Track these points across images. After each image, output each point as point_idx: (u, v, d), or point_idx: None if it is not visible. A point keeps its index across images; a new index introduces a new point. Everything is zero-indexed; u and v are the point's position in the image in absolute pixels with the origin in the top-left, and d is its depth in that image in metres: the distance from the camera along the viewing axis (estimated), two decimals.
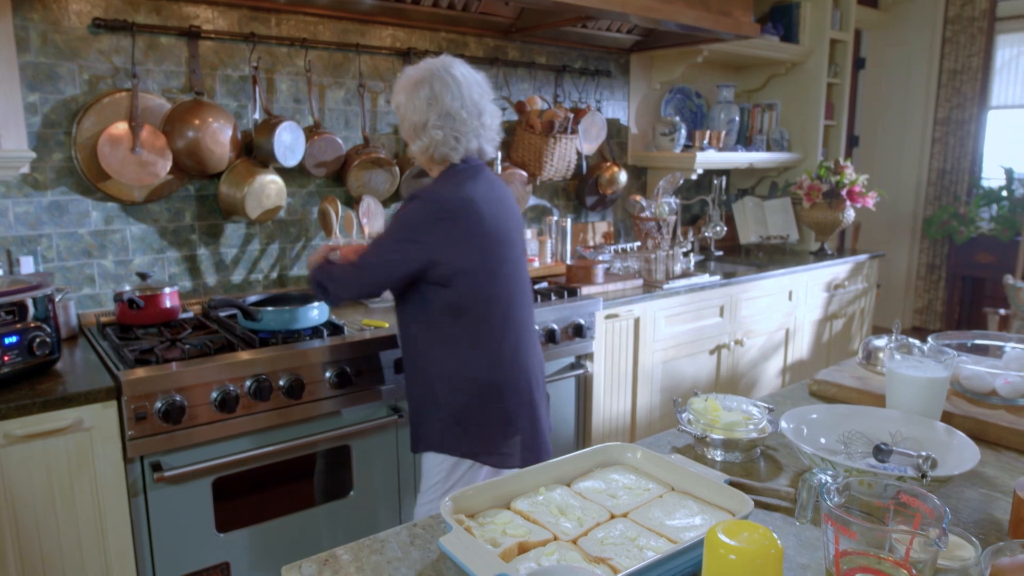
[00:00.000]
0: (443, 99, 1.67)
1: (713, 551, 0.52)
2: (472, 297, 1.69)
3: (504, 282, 1.74)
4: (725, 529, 0.52)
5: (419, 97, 1.69)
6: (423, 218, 1.65)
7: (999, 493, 1.04)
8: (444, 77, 1.69)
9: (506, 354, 1.75)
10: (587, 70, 3.30)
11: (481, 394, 1.72)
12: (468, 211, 1.66)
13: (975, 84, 5.09)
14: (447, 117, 1.68)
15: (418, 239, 1.63)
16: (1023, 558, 0.72)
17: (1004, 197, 4.86)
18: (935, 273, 5.45)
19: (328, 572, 0.82)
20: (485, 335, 1.72)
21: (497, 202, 1.75)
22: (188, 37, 2.25)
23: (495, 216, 1.71)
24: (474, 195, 1.69)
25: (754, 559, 0.50)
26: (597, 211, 3.52)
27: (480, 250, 1.68)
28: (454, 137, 1.70)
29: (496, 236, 1.71)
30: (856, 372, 1.52)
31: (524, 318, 1.81)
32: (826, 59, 3.83)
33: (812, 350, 3.71)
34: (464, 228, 1.65)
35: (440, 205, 1.64)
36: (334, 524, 2.08)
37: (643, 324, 2.82)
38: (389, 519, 2.18)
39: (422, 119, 1.70)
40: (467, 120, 1.69)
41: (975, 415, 1.25)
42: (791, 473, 1.11)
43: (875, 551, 0.77)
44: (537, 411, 1.82)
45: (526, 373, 1.79)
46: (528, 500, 0.93)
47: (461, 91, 1.69)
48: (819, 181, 3.69)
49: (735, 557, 0.50)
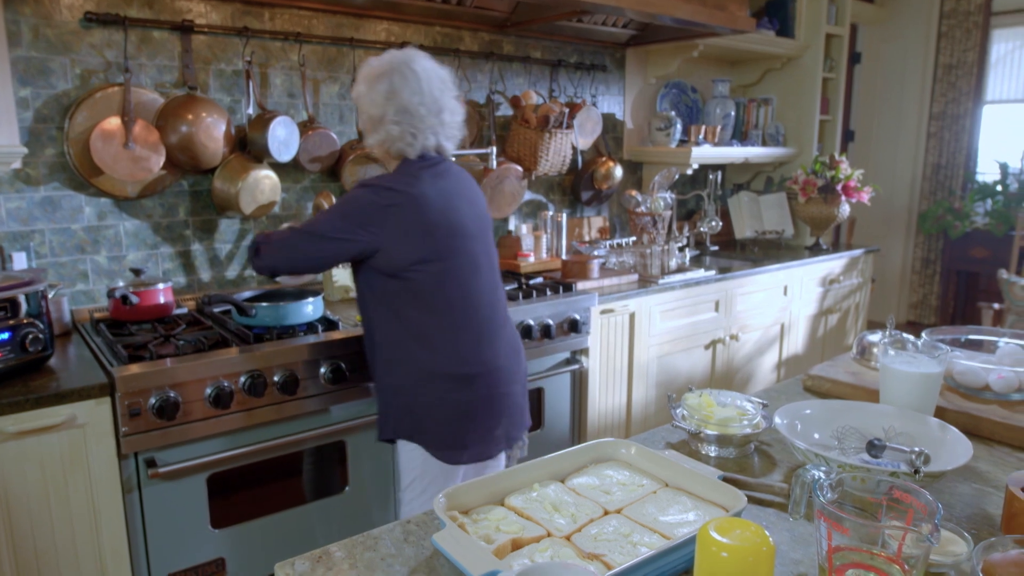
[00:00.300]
0: (402, 94, 1.65)
1: (705, 548, 0.52)
2: (422, 290, 1.66)
3: (458, 275, 1.70)
4: (717, 527, 0.52)
5: (378, 90, 1.66)
6: (371, 205, 1.63)
7: (992, 488, 1.04)
8: (404, 71, 1.66)
9: (462, 348, 1.70)
10: (582, 65, 3.29)
11: (434, 387, 1.68)
12: (416, 203, 1.63)
13: (970, 79, 5.10)
14: (404, 112, 1.65)
15: (365, 224, 1.61)
16: (1014, 554, 0.72)
17: (999, 192, 4.87)
18: (930, 268, 5.47)
19: (321, 569, 0.81)
20: (437, 328, 1.68)
21: (455, 196, 1.71)
22: (181, 31, 2.24)
23: (449, 209, 1.68)
24: (425, 188, 1.66)
25: (746, 556, 0.50)
26: (592, 206, 3.52)
27: (428, 242, 1.64)
28: (411, 133, 1.67)
29: (448, 229, 1.67)
30: (850, 367, 1.52)
31: (486, 312, 1.75)
32: (822, 54, 3.83)
33: (807, 345, 3.72)
34: (411, 219, 1.62)
35: (389, 194, 1.62)
36: (329, 520, 2.08)
37: (638, 319, 2.82)
38: (384, 515, 2.18)
39: (379, 113, 1.67)
40: (425, 117, 1.67)
41: (968, 410, 1.25)
42: (785, 468, 1.11)
43: (868, 547, 0.77)
44: (498, 405, 1.76)
45: (486, 367, 1.73)
46: (522, 496, 0.93)
47: (421, 86, 1.66)
48: (814, 176, 3.69)
49: (727, 555, 0.50)
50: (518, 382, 1.84)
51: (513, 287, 2.57)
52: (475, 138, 2.97)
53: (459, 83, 2.89)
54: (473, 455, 1.74)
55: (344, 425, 2.02)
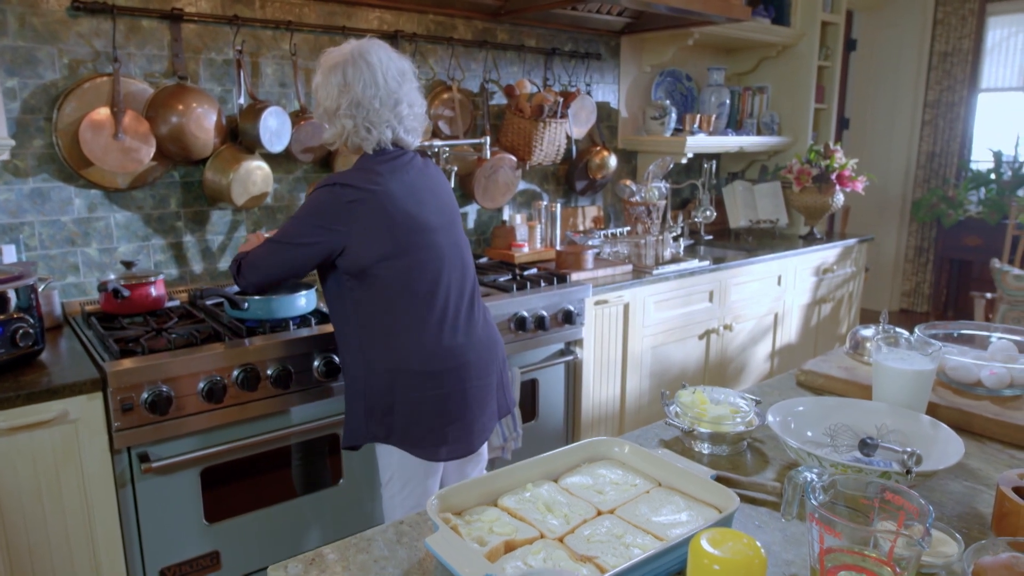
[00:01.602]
0: (355, 87, 1.60)
1: (698, 561, 0.52)
2: (388, 287, 1.64)
3: (424, 270, 1.67)
4: (710, 539, 0.52)
5: (332, 82, 1.63)
6: (332, 204, 1.60)
7: (983, 486, 1.05)
8: (359, 63, 1.61)
9: (439, 342, 1.68)
10: (577, 53, 3.27)
11: (404, 386, 1.66)
12: (377, 199, 1.60)
13: (966, 66, 5.09)
14: (358, 106, 1.61)
15: (328, 225, 1.59)
16: (1005, 557, 0.72)
17: (992, 180, 4.88)
18: (923, 256, 5.49)
19: (315, 571, 0.81)
20: (404, 327, 1.66)
21: (418, 189, 1.68)
22: (170, 20, 2.21)
23: (411, 203, 1.65)
24: (386, 183, 1.62)
25: (738, 570, 0.50)
26: (587, 196, 3.51)
27: (392, 238, 1.61)
28: (365, 127, 1.63)
29: (411, 224, 1.64)
30: (843, 362, 1.52)
31: (454, 306, 1.72)
32: (817, 42, 3.81)
33: (800, 335, 3.73)
34: (373, 215, 1.60)
35: (348, 191, 1.59)
36: (323, 513, 2.08)
37: (632, 310, 2.82)
38: (377, 508, 2.19)
39: (333, 105, 1.63)
40: (379, 110, 1.62)
41: (960, 406, 1.26)
42: (778, 466, 1.11)
43: (859, 548, 0.78)
44: (471, 400, 1.73)
45: (465, 360, 1.71)
46: (515, 497, 0.93)
47: (376, 78, 1.61)
48: (809, 165, 3.68)
49: (719, 567, 0.51)
50: (493, 374, 1.80)
51: (507, 278, 2.56)
52: (469, 127, 2.95)
53: (452, 71, 2.88)
54: (453, 451, 1.72)
55: (338, 418, 2.02)
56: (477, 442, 1.75)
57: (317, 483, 2.06)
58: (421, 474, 1.72)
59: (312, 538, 2.08)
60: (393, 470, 1.71)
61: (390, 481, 1.73)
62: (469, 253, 1.81)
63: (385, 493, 1.76)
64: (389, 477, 1.73)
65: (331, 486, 2.09)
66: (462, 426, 1.70)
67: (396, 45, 2.68)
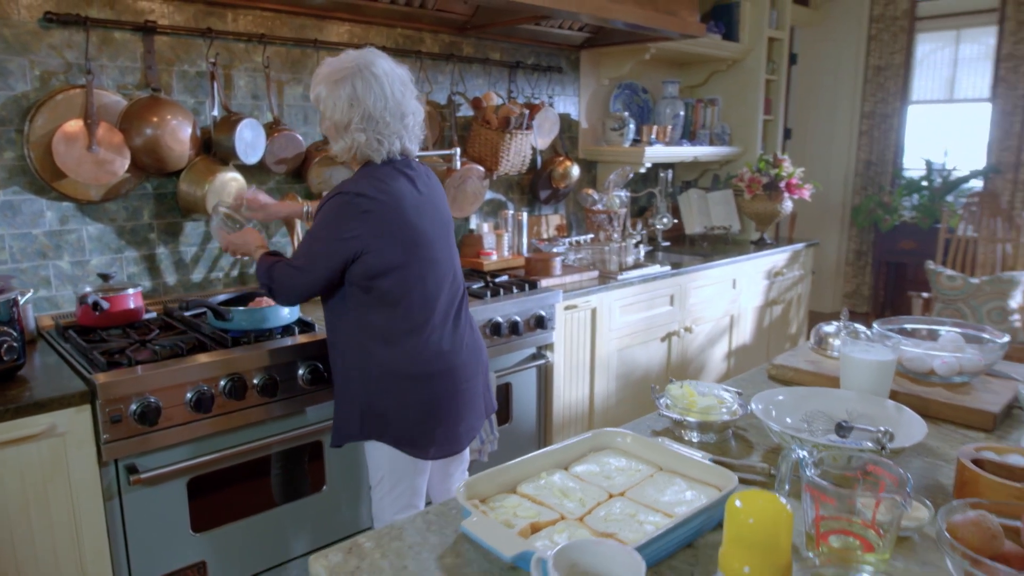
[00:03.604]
0: (366, 100, 1.63)
1: (734, 517, 0.60)
2: (391, 292, 1.69)
3: (422, 279, 1.72)
4: (742, 498, 0.60)
5: (340, 95, 1.64)
6: (346, 214, 1.64)
7: (942, 461, 1.17)
8: (367, 76, 1.64)
9: (432, 346, 1.74)
10: (539, 66, 3.37)
11: (398, 387, 1.72)
12: (390, 206, 1.65)
13: (898, 80, 5.40)
14: (370, 119, 1.64)
15: (343, 236, 1.63)
16: (972, 515, 0.83)
17: (924, 187, 5.19)
18: (862, 259, 5.78)
19: (354, 559, 0.87)
20: (403, 330, 1.71)
21: (421, 200, 1.74)
22: (143, 32, 2.21)
23: (416, 214, 1.70)
24: (398, 191, 1.68)
25: (770, 522, 0.59)
26: (550, 204, 3.61)
27: (401, 245, 1.67)
28: (376, 139, 1.67)
29: (415, 234, 1.70)
30: (809, 357, 1.64)
31: (444, 313, 1.78)
32: (764, 56, 4.01)
33: (754, 335, 3.90)
34: (385, 224, 1.64)
35: (363, 201, 1.63)
36: (307, 520, 2.10)
37: (599, 314, 2.92)
38: (359, 514, 2.22)
39: (344, 119, 1.66)
40: (390, 122, 1.67)
41: (917, 393, 1.39)
42: (762, 450, 1.21)
43: (847, 515, 0.87)
44: (459, 402, 1.79)
45: (455, 363, 1.77)
46: (532, 484, 1.00)
47: (384, 91, 1.65)
48: (759, 174, 3.87)
49: (753, 520, 0.59)
50: (479, 376, 1.88)
51: (480, 285, 2.63)
52: (437, 139, 3.01)
53: (421, 84, 2.94)
54: (440, 451, 1.78)
55: (322, 425, 2.05)
56: (464, 442, 1.81)
57: (301, 490, 2.08)
58: (411, 473, 1.77)
59: (297, 545, 2.10)
60: (384, 471, 1.76)
61: (381, 481, 1.77)
62: (459, 262, 1.87)
63: (375, 494, 1.81)
64: (380, 478, 1.77)
65: (314, 493, 2.12)
66: (451, 427, 1.76)
67: None
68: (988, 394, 1.39)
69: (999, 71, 4.89)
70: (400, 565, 0.86)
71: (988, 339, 1.49)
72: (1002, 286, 3.83)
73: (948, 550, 0.80)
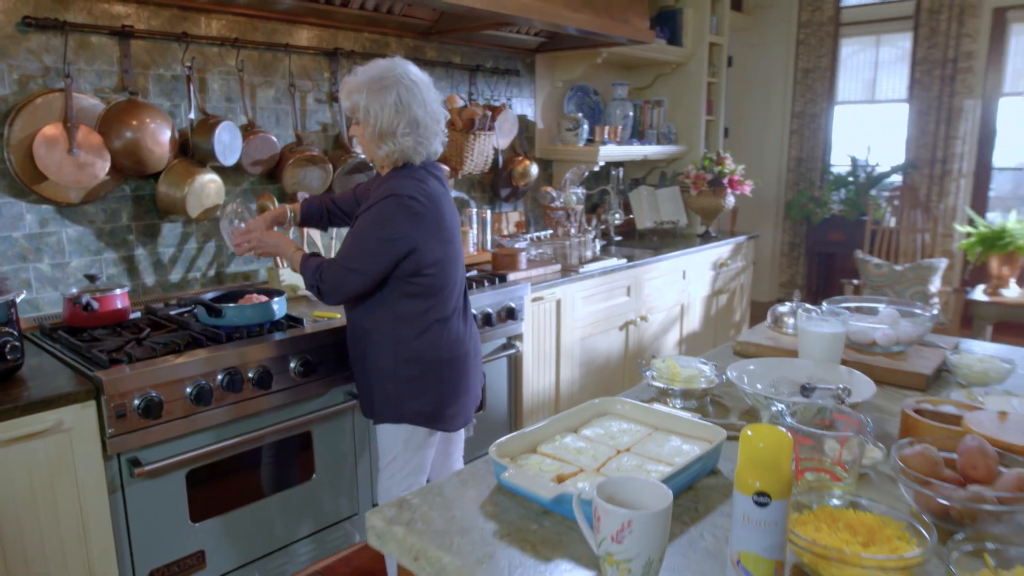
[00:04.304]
0: (411, 107, 1.75)
1: (747, 443, 0.75)
2: (432, 283, 1.84)
3: (454, 269, 1.91)
4: (752, 429, 0.76)
5: (386, 103, 1.73)
6: (398, 215, 1.75)
7: (887, 415, 1.37)
8: (407, 83, 1.75)
9: (454, 332, 1.92)
10: (498, 69, 3.51)
11: (432, 367, 1.88)
12: (435, 205, 1.81)
13: (824, 82, 5.77)
14: (415, 124, 1.76)
15: (396, 236, 1.75)
16: (919, 448, 1.01)
17: (851, 182, 5.57)
18: (796, 250, 6.14)
19: (407, 513, 0.99)
20: (439, 316, 1.88)
21: (448, 199, 1.91)
22: (120, 36, 2.24)
23: (448, 212, 1.88)
24: (436, 192, 1.84)
25: (775, 445, 0.74)
26: (510, 202, 3.75)
27: (442, 241, 1.84)
28: (420, 143, 1.80)
29: (450, 229, 1.88)
30: (767, 334, 1.84)
31: (462, 301, 1.98)
32: (706, 60, 4.25)
33: (703, 323, 4.14)
34: (433, 221, 1.80)
35: (414, 201, 1.76)
36: (299, 507, 2.19)
37: (564, 306, 3.08)
38: (349, 498, 2.32)
39: (390, 126, 1.75)
40: (431, 126, 1.81)
41: (862, 360, 1.59)
42: (737, 412, 1.39)
43: (819, 455, 1.05)
44: (473, 381, 2.01)
45: (467, 348, 1.96)
46: (550, 445, 1.14)
47: (424, 97, 1.79)
48: (704, 171, 4.11)
49: (763, 445, 0.74)
50: (479, 359, 2.08)
51: None
52: None
53: None
54: (463, 421, 2.00)
55: (311, 416, 2.14)
56: (471, 415, 2.00)
57: (292, 479, 2.17)
58: (423, 451, 1.92)
59: (290, 531, 2.18)
60: (397, 450, 1.89)
61: (392, 461, 1.90)
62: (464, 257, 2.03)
63: (384, 473, 1.93)
64: (392, 457, 1.90)
65: (305, 481, 2.20)
66: (469, 402, 1.97)
67: (336, 62, 2.81)
68: (921, 360, 1.61)
69: (915, 74, 5.30)
70: (448, 515, 0.99)
71: (919, 313, 1.72)
72: (922, 272, 4.19)
73: (901, 476, 0.98)
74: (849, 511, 0.91)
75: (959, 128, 5.15)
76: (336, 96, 2.83)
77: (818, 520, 0.89)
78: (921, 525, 0.85)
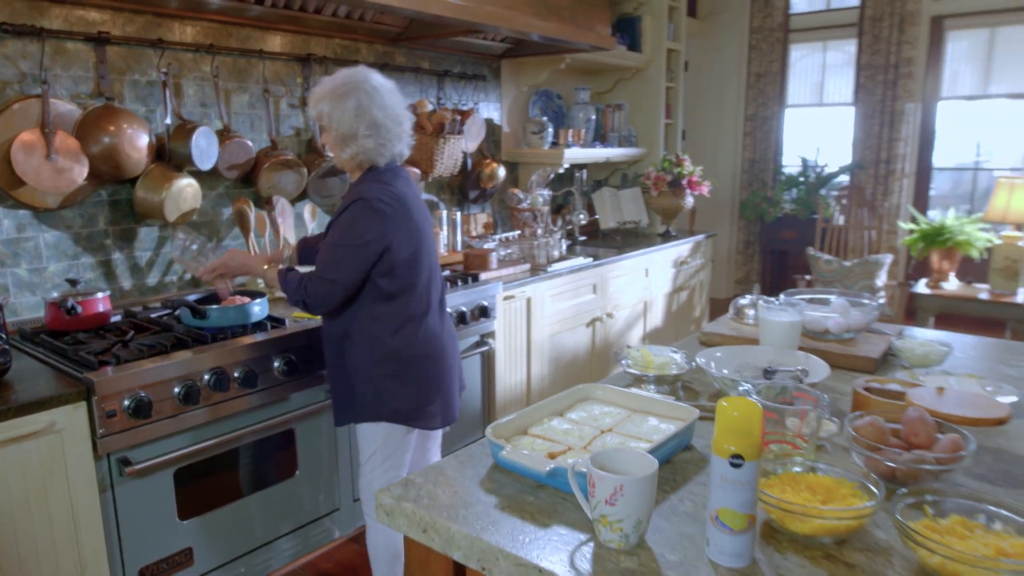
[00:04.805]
0: (371, 110, 1.83)
1: (723, 412, 0.86)
2: (403, 283, 1.90)
3: (424, 269, 1.96)
4: (727, 400, 0.86)
5: (346, 108, 1.83)
6: (368, 217, 1.82)
7: (840, 394, 1.50)
8: (367, 88, 1.85)
9: (430, 330, 1.97)
10: (465, 74, 3.60)
11: (409, 365, 1.93)
12: (401, 205, 1.86)
13: (776, 86, 6.01)
14: (375, 126, 1.84)
15: (367, 239, 1.82)
16: (868, 419, 1.14)
17: (801, 182, 5.81)
18: (750, 248, 6.37)
19: (413, 491, 1.07)
20: (412, 314, 1.93)
21: (417, 200, 1.98)
22: (96, 43, 2.27)
23: (417, 212, 1.94)
24: (403, 192, 1.89)
25: (747, 413, 0.85)
26: (478, 204, 3.84)
27: (412, 240, 1.89)
28: (382, 144, 1.87)
29: (419, 228, 1.93)
30: (730, 325, 1.97)
31: (438, 299, 2.04)
32: (664, 66, 4.41)
33: (664, 318, 4.30)
34: (401, 220, 1.86)
35: (380, 204, 1.83)
36: (283, 503, 2.24)
37: (534, 304, 3.18)
38: (331, 493, 2.38)
39: (351, 129, 1.84)
40: (392, 128, 1.88)
41: (817, 347, 1.73)
42: (706, 395, 1.50)
43: (782, 428, 1.17)
44: (452, 378, 2.05)
45: (443, 345, 2.02)
46: (540, 427, 1.24)
47: (384, 100, 1.86)
48: (664, 172, 4.27)
49: (737, 413, 0.85)
50: (456, 358, 2.11)
51: None
52: None
53: None
54: (444, 421, 2.02)
55: (294, 413, 2.20)
56: (455, 414, 2.04)
57: (276, 476, 2.22)
58: (402, 447, 1.97)
59: (274, 528, 2.23)
60: (377, 446, 1.94)
61: (372, 456, 1.96)
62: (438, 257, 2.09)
63: (365, 468, 1.98)
64: (372, 452, 1.95)
65: (288, 479, 2.26)
66: (447, 400, 2.01)
67: (308, 67, 2.87)
68: (869, 345, 1.75)
69: (859, 79, 5.56)
70: (451, 492, 1.08)
71: (867, 303, 1.87)
72: (870, 267, 4.41)
73: (853, 444, 1.11)
74: (809, 475, 1.03)
75: (901, 130, 5.43)
76: (308, 101, 2.89)
77: (783, 483, 1.00)
78: (872, 484, 0.98)
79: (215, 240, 2.69)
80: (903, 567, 0.89)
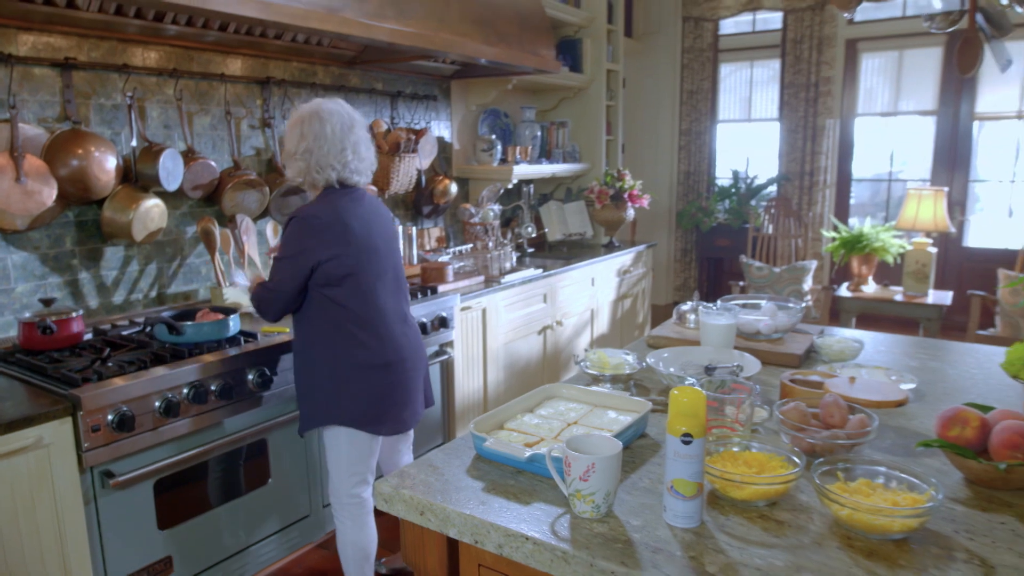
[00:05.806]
0: (308, 137, 2.02)
1: (675, 399, 1.04)
2: (350, 292, 2.02)
3: (374, 282, 2.07)
4: (676, 389, 1.05)
5: (294, 132, 2.05)
6: (302, 232, 1.98)
7: (770, 386, 1.72)
8: (314, 118, 2.02)
9: (384, 339, 2.08)
10: (417, 95, 3.75)
11: (360, 372, 2.04)
12: (337, 223, 2.00)
13: (707, 102, 6.36)
14: (308, 152, 2.01)
15: (303, 252, 1.97)
16: (793, 404, 1.35)
17: (733, 193, 6.17)
18: (687, 256, 6.70)
19: (408, 480, 1.22)
20: (363, 323, 2.05)
21: (368, 219, 2.08)
22: (62, 68, 2.33)
23: (363, 230, 2.05)
24: (343, 211, 2.02)
25: (694, 400, 1.04)
26: (431, 219, 3.99)
27: (353, 252, 2.01)
28: (316, 168, 2.03)
29: (364, 247, 2.04)
30: (674, 329, 2.18)
31: (396, 311, 2.14)
32: (604, 86, 4.66)
33: (610, 325, 4.52)
34: (338, 233, 1.99)
35: (313, 219, 1.98)
36: (257, 511, 2.33)
37: (489, 314, 3.35)
38: (305, 497, 2.48)
39: (292, 150, 2.05)
40: (327, 155, 2.02)
41: (750, 346, 1.95)
42: (656, 391, 1.70)
43: (721, 416, 1.37)
44: (412, 387, 2.16)
45: (401, 355, 2.12)
46: (514, 422, 1.40)
47: (324, 131, 2.01)
48: (606, 186, 4.50)
49: (686, 399, 1.03)
50: (421, 369, 2.24)
51: None
52: None
53: None
54: (394, 428, 2.13)
55: (267, 424, 2.30)
56: (411, 422, 2.17)
57: (250, 484, 2.31)
58: (366, 452, 2.09)
59: (249, 535, 2.32)
60: (342, 451, 2.06)
61: (338, 462, 2.08)
62: (403, 271, 2.22)
63: (333, 473, 2.10)
64: (337, 459, 2.07)
65: (261, 486, 2.35)
66: (402, 408, 2.11)
67: (268, 90, 2.97)
68: (794, 343, 1.99)
69: (784, 96, 5.96)
70: (442, 479, 1.23)
71: (792, 307, 2.10)
72: (797, 273, 4.75)
73: (781, 425, 1.31)
74: (745, 452, 1.22)
75: (823, 144, 5.85)
76: (268, 122, 2.99)
77: (724, 460, 1.20)
78: (796, 457, 1.18)
79: (179, 258, 2.75)
80: (821, 521, 1.09)
